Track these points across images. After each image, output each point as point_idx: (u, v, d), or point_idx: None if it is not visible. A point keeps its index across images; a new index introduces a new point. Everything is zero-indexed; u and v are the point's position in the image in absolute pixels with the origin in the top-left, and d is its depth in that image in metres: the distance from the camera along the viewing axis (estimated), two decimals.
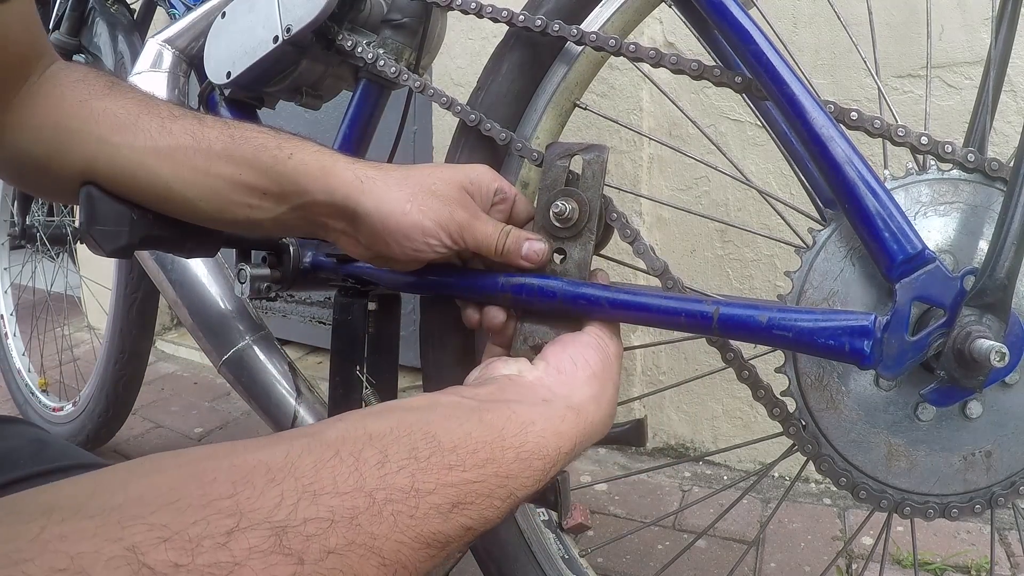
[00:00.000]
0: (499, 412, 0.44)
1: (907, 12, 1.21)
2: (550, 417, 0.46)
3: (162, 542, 0.26)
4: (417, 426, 0.39)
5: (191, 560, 0.26)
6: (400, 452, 0.36)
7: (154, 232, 0.62)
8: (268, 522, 0.29)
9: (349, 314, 0.78)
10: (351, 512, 0.32)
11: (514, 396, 0.47)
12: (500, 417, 0.43)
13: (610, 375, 0.54)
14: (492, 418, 0.43)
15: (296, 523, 0.30)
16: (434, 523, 0.35)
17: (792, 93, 0.55)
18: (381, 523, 0.33)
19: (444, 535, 0.36)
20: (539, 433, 0.44)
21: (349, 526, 0.31)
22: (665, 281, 0.62)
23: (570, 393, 0.50)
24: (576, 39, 0.65)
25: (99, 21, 1.15)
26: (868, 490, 0.59)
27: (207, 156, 0.57)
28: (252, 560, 0.27)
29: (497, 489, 0.39)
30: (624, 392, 1.51)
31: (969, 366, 0.51)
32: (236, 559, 0.27)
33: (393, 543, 0.33)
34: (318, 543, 0.30)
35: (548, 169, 0.63)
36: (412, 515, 0.34)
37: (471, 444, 0.40)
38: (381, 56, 0.77)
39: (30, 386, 1.68)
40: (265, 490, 0.30)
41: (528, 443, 0.43)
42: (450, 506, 0.36)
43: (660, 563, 1.14)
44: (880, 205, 0.53)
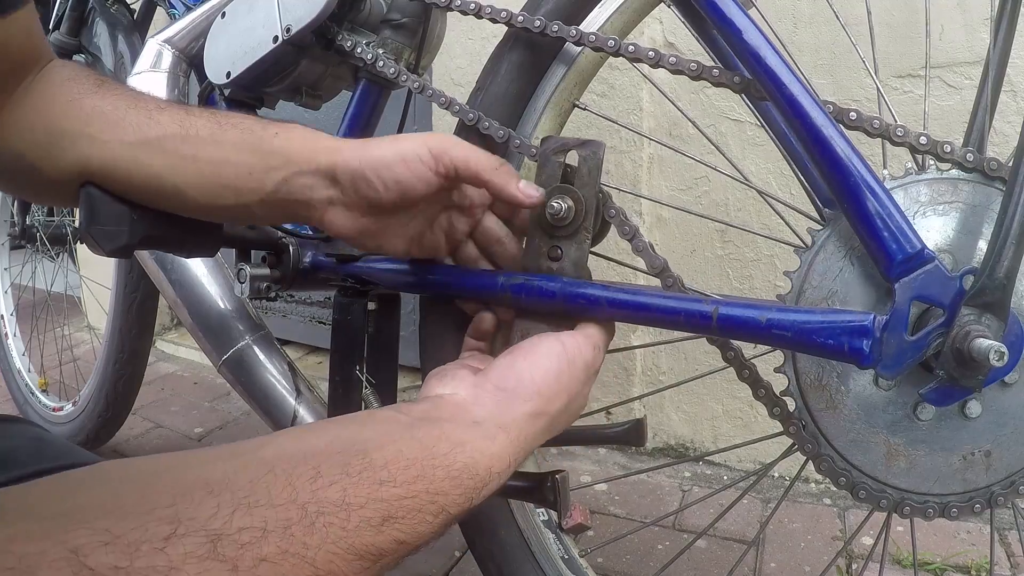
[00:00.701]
0: (430, 431, 0.45)
1: (907, 12, 1.21)
2: (480, 438, 0.47)
3: (103, 545, 0.28)
4: (350, 443, 0.41)
5: (130, 563, 0.28)
6: (332, 468, 0.37)
7: (154, 232, 0.62)
8: (204, 530, 0.30)
9: (349, 314, 0.78)
10: (284, 523, 0.33)
11: (446, 415, 0.48)
12: (431, 436, 0.44)
13: (563, 386, 0.53)
14: (423, 436, 0.44)
15: (231, 532, 0.31)
16: (366, 536, 0.36)
17: (791, 93, 0.55)
18: (313, 534, 0.34)
19: (376, 547, 0.37)
20: (469, 453, 0.45)
21: (282, 536, 0.33)
22: (664, 279, 0.62)
23: (503, 412, 0.50)
24: (575, 40, 0.65)
25: (99, 21, 1.15)
26: (867, 490, 0.59)
27: (194, 143, 0.57)
28: (188, 565, 0.29)
29: (428, 505, 0.41)
30: (624, 392, 1.51)
31: (968, 365, 0.51)
32: (172, 563, 0.29)
33: (326, 553, 0.34)
34: (252, 551, 0.31)
35: (543, 164, 0.62)
36: (344, 527, 0.35)
37: (402, 461, 0.41)
38: (380, 56, 0.77)
39: (30, 386, 1.68)
40: (202, 501, 0.32)
41: (458, 462, 0.44)
42: (381, 520, 0.38)
43: (660, 563, 1.14)
44: (879, 205, 0.53)
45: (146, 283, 1.29)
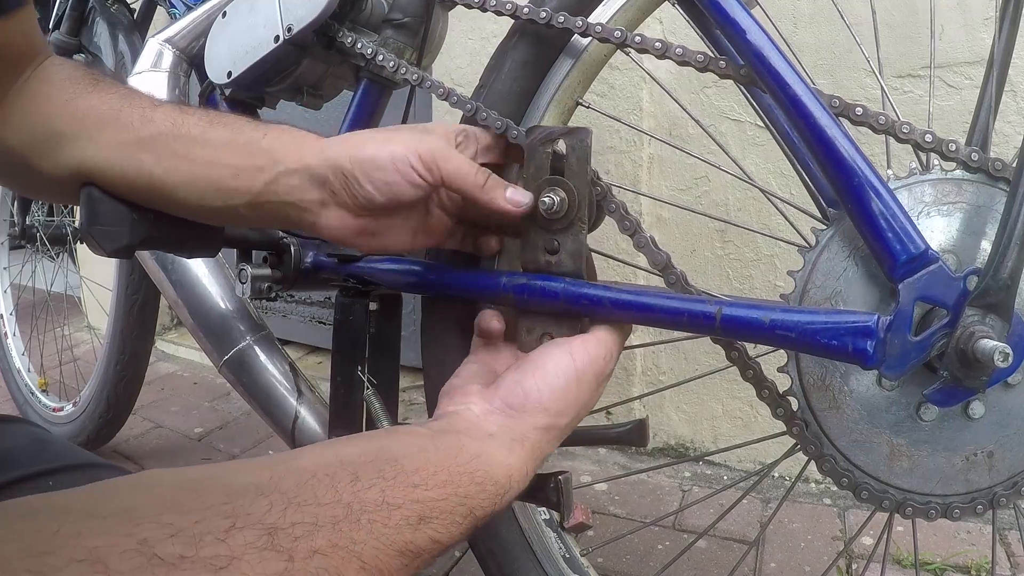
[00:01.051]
0: (451, 441, 0.48)
1: (907, 12, 1.21)
2: (497, 449, 0.49)
3: (169, 537, 0.29)
4: (382, 452, 0.43)
5: (195, 552, 0.29)
6: (369, 473, 0.40)
7: (155, 232, 0.62)
8: (261, 523, 0.33)
9: (350, 314, 0.78)
10: (333, 519, 0.35)
11: (463, 428, 0.51)
12: (453, 445, 0.47)
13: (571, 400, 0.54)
14: (446, 446, 0.47)
15: (285, 526, 0.33)
16: (406, 534, 0.39)
17: (794, 92, 0.55)
18: (359, 530, 0.36)
19: (415, 545, 0.39)
20: (487, 463, 0.47)
21: (332, 530, 0.35)
22: (667, 276, 0.62)
23: (514, 427, 0.52)
24: (581, 31, 0.64)
25: (99, 21, 1.15)
26: (870, 490, 0.58)
27: (186, 142, 0.57)
28: (248, 554, 0.31)
29: (458, 507, 0.43)
30: (624, 392, 1.51)
31: (972, 366, 0.51)
32: (234, 553, 0.30)
33: (371, 548, 0.36)
34: (305, 543, 0.33)
35: (531, 155, 0.61)
36: (386, 524, 0.38)
37: (430, 467, 0.44)
38: (381, 51, 0.77)
39: (30, 386, 1.68)
40: (255, 500, 0.34)
41: (480, 470, 0.46)
42: (418, 519, 0.40)
43: (660, 563, 1.14)
44: (883, 205, 0.53)
45: (147, 285, 1.29)
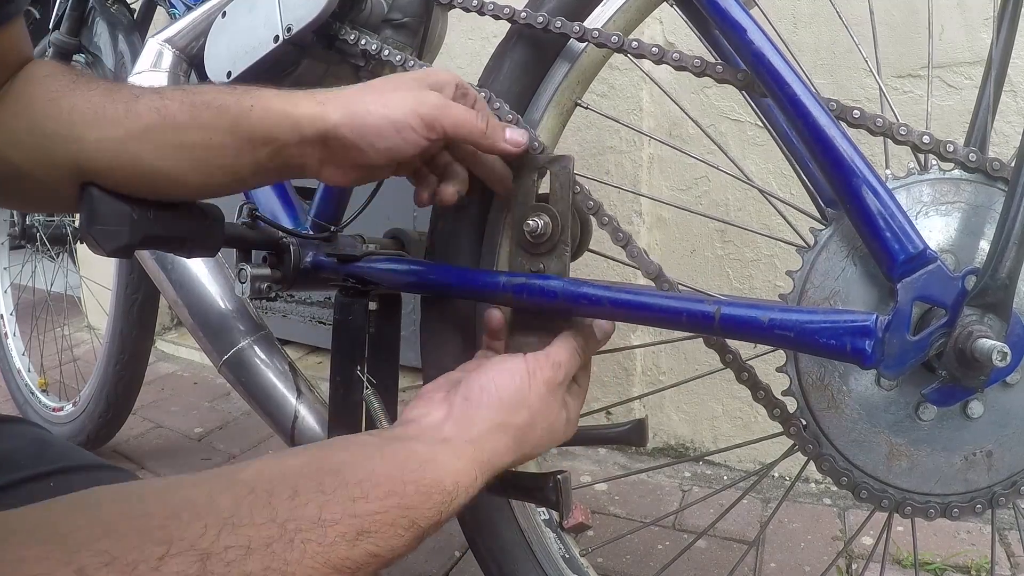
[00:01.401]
0: (400, 449, 0.48)
1: (907, 12, 1.21)
2: (447, 454, 0.49)
3: (104, 566, 0.30)
4: (325, 463, 0.43)
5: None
6: (309, 487, 0.40)
7: (154, 232, 0.62)
8: (194, 549, 0.33)
9: (350, 314, 0.78)
10: (266, 541, 0.36)
11: (416, 434, 0.51)
12: (400, 454, 0.47)
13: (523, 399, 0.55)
14: (394, 454, 0.47)
15: (218, 550, 0.34)
16: (341, 550, 0.39)
17: (793, 92, 0.55)
18: (293, 551, 0.36)
19: (352, 561, 0.39)
20: (436, 470, 0.47)
21: (265, 553, 0.35)
22: (660, 284, 0.62)
23: (470, 427, 0.52)
24: (578, 36, 0.65)
25: (99, 21, 1.15)
26: (869, 490, 0.59)
27: (175, 130, 0.57)
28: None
29: (400, 519, 0.43)
30: (624, 392, 1.51)
31: (971, 366, 0.51)
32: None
33: (304, 568, 0.37)
34: (238, 568, 0.34)
35: (520, 181, 0.65)
36: (321, 543, 0.38)
37: (374, 478, 0.43)
38: (381, 50, 0.77)
39: (30, 386, 1.68)
40: (190, 522, 0.34)
41: (426, 478, 0.46)
42: (355, 534, 0.40)
43: (660, 563, 1.14)
44: (882, 205, 0.53)
45: (147, 285, 1.29)
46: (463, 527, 0.79)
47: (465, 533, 0.79)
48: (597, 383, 1.54)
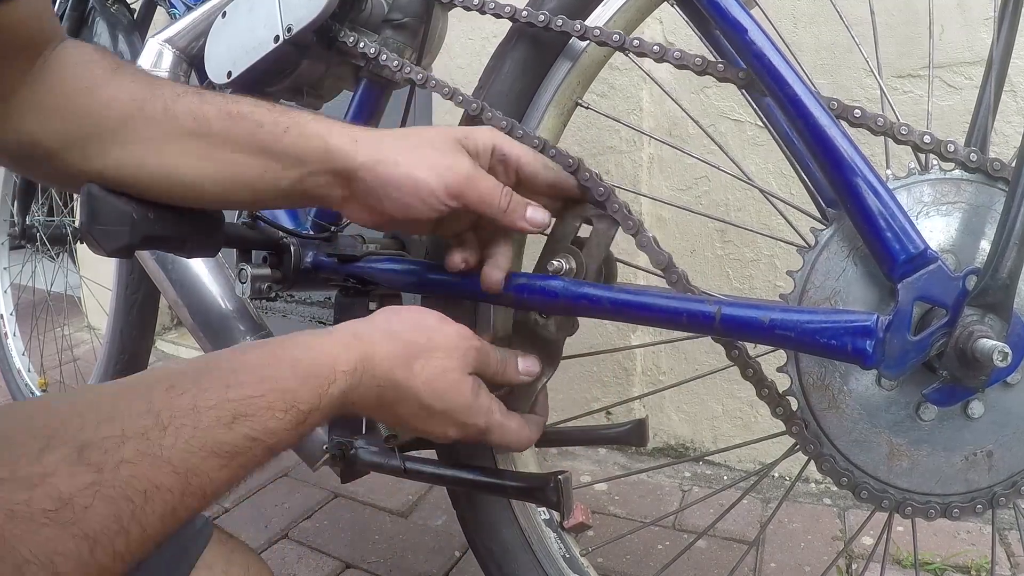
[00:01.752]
0: (280, 342, 0.50)
1: (907, 12, 1.21)
2: (327, 341, 0.51)
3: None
4: (206, 361, 0.46)
5: (12, 473, 0.33)
6: (184, 382, 0.42)
7: (155, 232, 0.62)
8: (73, 440, 0.36)
9: (350, 314, 0.78)
10: (141, 429, 0.38)
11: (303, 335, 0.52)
12: (278, 344, 0.49)
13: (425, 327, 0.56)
14: (274, 344, 0.49)
15: (96, 440, 0.36)
16: (217, 433, 0.41)
17: (794, 92, 0.55)
18: (167, 435, 0.39)
19: (230, 444, 0.41)
20: (314, 354, 0.49)
21: (140, 440, 0.38)
22: (669, 275, 0.62)
23: (356, 326, 0.54)
24: (580, 34, 0.65)
25: (99, 21, 1.15)
26: (869, 490, 0.58)
27: (209, 140, 0.57)
28: (60, 470, 0.34)
29: (276, 401, 0.44)
30: (624, 392, 1.51)
31: (971, 366, 0.51)
32: (46, 470, 0.34)
33: (180, 452, 0.39)
34: (113, 455, 0.36)
35: (563, 221, 0.65)
36: (195, 427, 0.40)
37: (249, 366, 0.45)
38: (381, 51, 0.77)
39: (30, 386, 1.68)
40: (70, 419, 0.37)
41: (303, 361, 0.48)
42: (231, 418, 0.42)
43: (660, 563, 1.14)
44: (882, 205, 0.53)
45: (147, 284, 1.29)
46: (463, 527, 0.79)
47: (465, 533, 0.79)
48: (597, 383, 1.54)
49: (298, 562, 1.16)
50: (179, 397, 0.41)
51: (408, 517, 1.30)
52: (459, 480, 0.69)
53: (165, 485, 0.38)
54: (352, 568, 1.14)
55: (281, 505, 1.35)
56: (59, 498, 0.33)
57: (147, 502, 0.37)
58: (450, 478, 0.70)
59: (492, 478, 0.70)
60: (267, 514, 1.32)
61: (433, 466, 0.70)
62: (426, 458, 0.71)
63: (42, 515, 0.33)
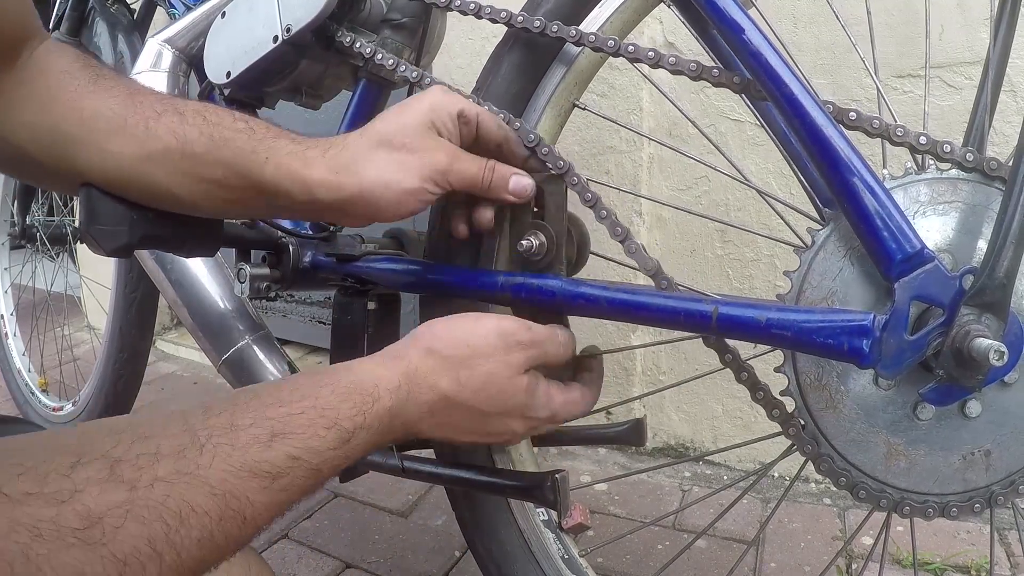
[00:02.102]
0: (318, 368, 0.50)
1: (907, 12, 1.21)
2: (367, 363, 0.51)
3: (17, 476, 0.32)
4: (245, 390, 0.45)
5: (40, 489, 0.32)
6: (221, 404, 0.42)
7: (154, 232, 0.62)
8: (105, 457, 0.35)
9: (349, 314, 0.78)
10: (177, 447, 0.37)
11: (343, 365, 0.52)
12: (317, 370, 0.49)
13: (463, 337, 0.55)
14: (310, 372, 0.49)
15: (129, 457, 0.35)
16: (255, 452, 0.39)
17: (791, 93, 0.55)
18: (204, 454, 0.37)
19: (270, 464, 0.40)
20: (352, 375, 0.49)
21: (176, 458, 0.36)
22: (659, 281, 0.62)
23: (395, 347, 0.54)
24: (575, 40, 0.65)
25: (99, 21, 1.15)
26: (867, 489, 0.58)
27: (192, 160, 0.57)
28: (91, 486, 0.33)
29: (317, 419, 0.44)
30: (624, 392, 1.51)
31: (968, 365, 0.51)
32: (77, 486, 0.33)
33: (218, 472, 0.37)
34: (148, 472, 0.35)
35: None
36: (233, 445, 0.39)
37: (288, 389, 0.45)
38: (380, 51, 0.77)
39: (30, 386, 1.68)
40: (104, 438, 0.36)
41: (343, 381, 0.47)
42: (269, 436, 0.41)
43: (660, 563, 1.14)
44: (879, 204, 0.53)
45: (146, 282, 1.29)
46: (462, 527, 0.79)
47: (464, 534, 0.79)
48: None
49: (298, 562, 1.16)
50: (216, 417, 0.40)
51: (408, 517, 1.30)
52: (457, 479, 0.69)
53: (202, 507, 0.36)
54: (352, 568, 1.15)
55: None
56: (88, 516, 0.32)
57: (182, 524, 0.35)
58: (448, 477, 0.70)
59: (489, 477, 0.70)
60: None
61: (431, 465, 0.70)
62: (424, 457, 0.71)
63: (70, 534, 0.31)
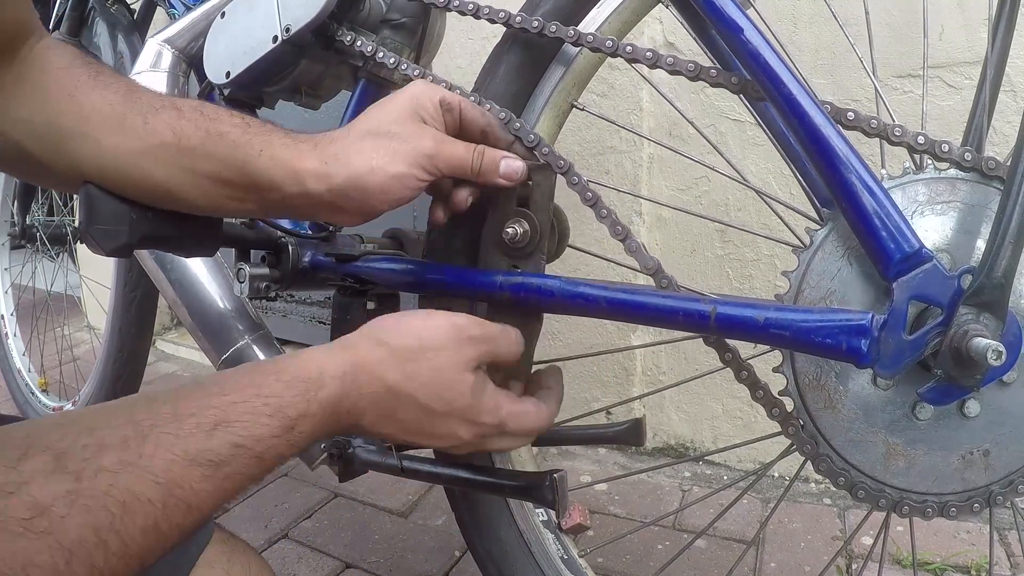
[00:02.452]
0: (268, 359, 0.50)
1: (907, 12, 1.21)
2: (315, 350, 0.50)
3: None
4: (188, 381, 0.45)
5: None
6: (166, 394, 0.42)
7: (153, 231, 0.62)
8: (51, 449, 0.35)
9: (348, 313, 0.78)
10: (121, 438, 0.38)
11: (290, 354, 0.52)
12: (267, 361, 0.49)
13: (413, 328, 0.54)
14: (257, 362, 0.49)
15: (74, 449, 0.36)
16: (198, 440, 0.40)
17: (789, 93, 0.55)
18: (147, 444, 0.38)
19: (213, 452, 0.40)
20: (297, 362, 0.48)
21: (120, 448, 0.37)
22: (659, 280, 0.62)
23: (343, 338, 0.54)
24: (573, 40, 0.65)
25: (99, 21, 1.15)
26: (866, 489, 0.59)
27: (190, 155, 0.57)
28: (37, 478, 0.34)
29: (261, 407, 0.43)
30: (624, 392, 1.51)
31: (966, 365, 0.51)
32: (23, 478, 0.33)
33: (161, 460, 0.38)
34: (92, 463, 0.36)
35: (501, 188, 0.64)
36: (176, 434, 0.39)
37: (231, 378, 0.45)
38: (379, 51, 0.77)
39: (30, 386, 1.68)
40: (51, 431, 0.37)
41: (289, 368, 0.47)
42: (212, 424, 0.41)
43: (660, 563, 1.14)
44: (877, 204, 0.53)
45: (145, 282, 1.29)
46: (462, 528, 0.79)
47: (464, 534, 0.79)
48: (597, 383, 1.54)
49: (298, 562, 1.16)
50: (160, 407, 0.40)
51: (408, 517, 1.30)
52: (455, 479, 0.70)
53: (146, 495, 0.37)
54: (352, 568, 1.15)
55: (281, 505, 1.35)
56: (35, 506, 0.33)
57: (127, 513, 0.36)
58: (447, 477, 0.70)
59: (488, 477, 0.70)
60: (267, 514, 1.32)
61: (430, 465, 0.70)
62: (423, 457, 0.71)
63: (17, 524, 0.32)
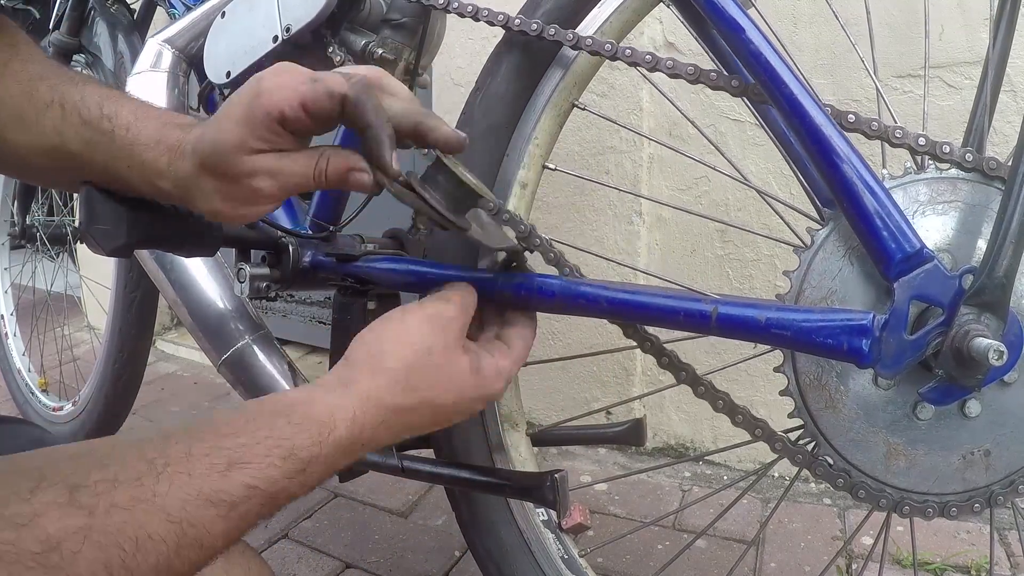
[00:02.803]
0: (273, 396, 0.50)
1: (907, 12, 1.21)
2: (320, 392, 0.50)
3: None
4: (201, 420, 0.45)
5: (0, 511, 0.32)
6: (178, 433, 0.42)
7: (153, 232, 0.62)
8: (64, 482, 0.35)
9: (348, 314, 0.78)
10: (135, 474, 0.37)
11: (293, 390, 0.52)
12: (272, 399, 0.49)
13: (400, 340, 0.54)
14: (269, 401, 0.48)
15: (87, 483, 0.35)
16: (212, 481, 0.40)
17: (791, 93, 0.55)
18: (162, 482, 0.38)
19: (227, 493, 0.40)
20: (307, 404, 0.48)
21: (133, 485, 0.37)
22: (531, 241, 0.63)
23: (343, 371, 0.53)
24: (572, 44, 0.65)
25: (99, 21, 1.15)
26: (867, 489, 0.58)
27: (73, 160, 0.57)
28: (50, 511, 0.33)
29: (273, 449, 0.43)
30: (624, 392, 1.51)
31: (967, 365, 0.51)
32: (36, 510, 0.33)
33: (176, 500, 0.38)
34: (105, 498, 0.35)
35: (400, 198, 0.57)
36: (190, 474, 0.39)
37: (242, 418, 0.45)
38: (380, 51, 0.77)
39: (30, 386, 1.68)
40: (64, 464, 0.37)
41: (298, 411, 0.47)
42: (226, 465, 0.41)
43: (660, 563, 1.14)
44: (878, 204, 0.53)
45: (146, 282, 1.29)
46: (462, 528, 0.79)
47: (464, 534, 0.79)
48: (597, 383, 1.54)
49: (298, 562, 1.16)
50: (173, 446, 0.40)
51: (408, 517, 1.30)
52: (456, 479, 0.70)
53: (159, 534, 0.36)
54: (352, 568, 1.15)
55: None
56: (47, 540, 0.33)
57: (139, 551, 0.35)
58: (447, 477, 0.70)
59: (489, 477, 0.70)
60: None
61: (431, 465, 0.70)
62: (424, 457, 0.71)
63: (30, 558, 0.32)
